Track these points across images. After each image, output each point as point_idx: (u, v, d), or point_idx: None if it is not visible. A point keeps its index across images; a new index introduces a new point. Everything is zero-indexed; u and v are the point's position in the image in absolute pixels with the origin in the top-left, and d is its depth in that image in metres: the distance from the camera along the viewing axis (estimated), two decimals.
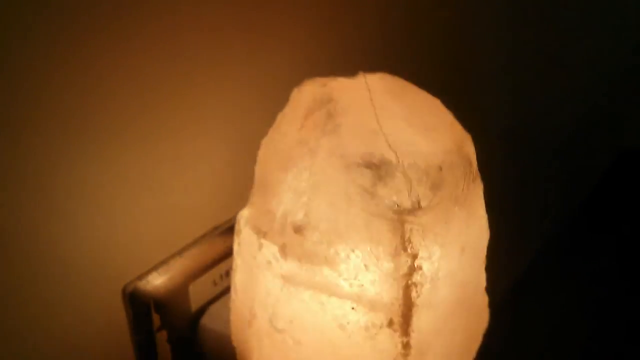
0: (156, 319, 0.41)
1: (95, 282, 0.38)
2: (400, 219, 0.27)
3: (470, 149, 0.31)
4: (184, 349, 0.44)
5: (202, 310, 0.44)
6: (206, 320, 0.44)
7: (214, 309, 0.45)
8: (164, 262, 0.42)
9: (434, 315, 0.31)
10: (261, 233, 0.31)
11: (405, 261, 0.28)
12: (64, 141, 0.34)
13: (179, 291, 0.42)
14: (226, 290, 0.43)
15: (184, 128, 0.41)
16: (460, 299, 0.33)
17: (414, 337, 0.30)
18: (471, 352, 0.36)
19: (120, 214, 0.38)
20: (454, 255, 0.31)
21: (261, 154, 0.33)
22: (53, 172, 0.34)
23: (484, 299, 0.35)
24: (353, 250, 0.28)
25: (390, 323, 0.29)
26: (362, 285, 0.29)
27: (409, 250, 0.28)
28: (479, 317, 0.35)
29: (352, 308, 0.29)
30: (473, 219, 0.32)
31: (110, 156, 0.36)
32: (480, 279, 0.35)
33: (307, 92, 0.31)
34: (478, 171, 0.31)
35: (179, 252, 0.42)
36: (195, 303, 0.44)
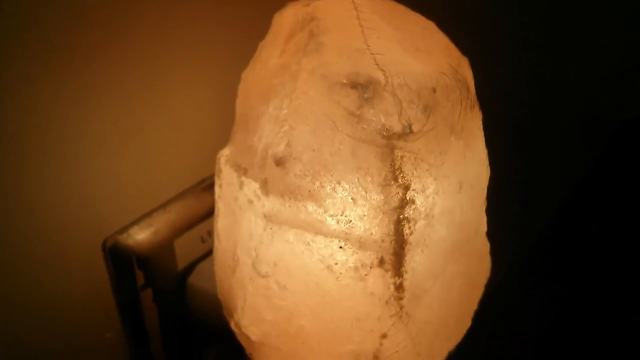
0: (140, 276, 0.39)
1: (74, 235, 0.36)
2: (390, 144, 0.25)
3: (467, 73, 0.28)
4: (171, 309, 0.42)
5: (189, 269, 0.42)
6: (194, 279, 0.42)
7: (202, 267, 0.42)
8: (147, 216, 0.39)
9: (429, 256, 0.28)
10: (241, 170, 0.29)
11: (396, 192, 0.25)
12: (44, 94, 0.31)
13: (164, 247, 0.40)
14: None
15: (169, 77, 0.38)
16: (459, 241, 0.30)
17: (408, 279, 0.27)
18: (472, 302, 0.33)
19: (101, 163, 0.36)
20: (451, 190, 0.28)
21: (241, 87, 0.31)
22: (30, 122, 0.31)
23: (484, 245, 0.33)
24: (339, 182, 0.26)
25: (381, 262, 0.26)
26: (350, 221, 0.26)
27: (399, 180, 0.25)
28: (480, 265, 0.33)
29: (340, 247, 0.27)
30: (472, 151, 0.29)
31: (92, 107, 0.34)
32: (481, 221, 0.32)
33: (289, 15, 0.28)
34: (476, 98, 0.29)
35: (163, 206, 0.40)
36: (181, 260, 0.41)
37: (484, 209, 0.32)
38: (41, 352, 0.37)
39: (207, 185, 0.42)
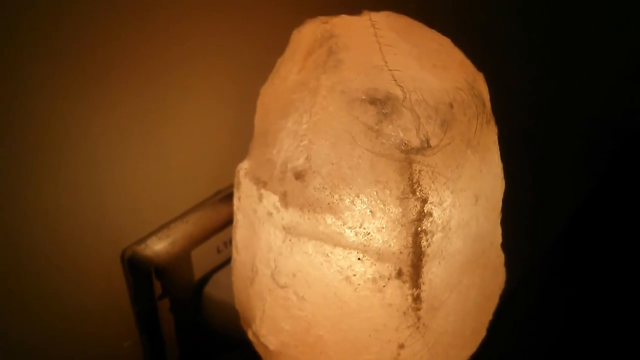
0: (157, 286, 0.40)
1: (93, 246, 0.37)
2: (408, 158, 0.25)
3: (483, 88, 0.29)
4: (187, 319, 0.43)
5: (205, 279, 0.43)
6: (210, 289, 0.43)
7: (218, 277, 0.43)
8: (164, 227, 0.40)
9: (446, 268, 0.29)
10: (261, 183, 0.29)
11: (414, 205, 0.26)
12: (63, 102, 0.32)
13: (181, 257, 0.40)
14: (231, 259, 0.41)
15: (186, 89, 0.39)
16: (475, 253, 0.31)
17: (425, 290, 0.28)
18: (487, 313, 0.34)
19: (120, 175, 0.37)
20: (467, 203, 0.29)
21: (260, 102, 0.31)
22: (51, 134, 0.32)
23: (499, 256, 0.33)
24: (358, 196, 0.26)
25: (399, 274, 0.27)
26: (369, 233, 0.27)
27: (417, 193, 0.26)
28: (495, 276, 0.33)
29: (359, 259, 0.27)
30: (487, 165, 0.29)
31: (111, 117, 0.35)
32: (496, 233, 0.32)
33: (308, 32, 0.29)
34: (492, 113, 0.29)
35: (181, 217, 0.41)
36: (198, 271, 0.42)
37: (499, 221, 0.32)
38: None
39: (223, 197, 0.43)
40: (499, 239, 0.33)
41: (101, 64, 0.33)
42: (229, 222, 0.42)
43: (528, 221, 0.98)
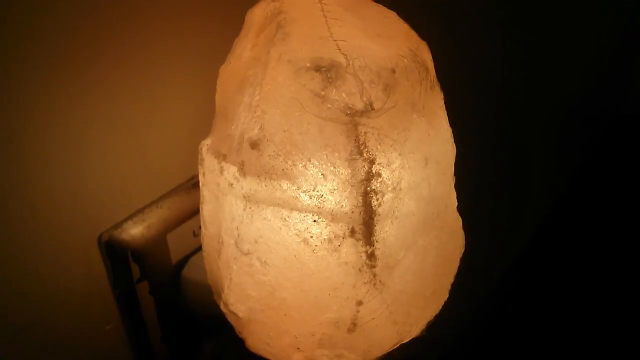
0: (135, 269, 0.41)
1: (71, 231, 0.38)
2: (353, 121, 0.27)
3: (426, 56, 0.30)
4: (167, 301, 0.44)
5: (183, 262, 0.44)
6: (187, 271, 0.44)
7: (195, 260, 0.44)
8: (140, 211, 0.41)
9: (399, 228, 0.30)
10: (221, 156, 0.31)
11: (362, 166, 0.28)
12: (42, 93, 0.34)
13: (157, 241, 0.42)
14: None
15: (158, 79, 0.40)
16: (430, 215, 0.32)
17: (379, 249, 0.29)
18: (447, 275, 0.35)
19: (96, 162, 0.38)
20: (417, 166, 0.30)
21: (219, 81, 0.33)
22: (31, 123, 0.34)
23: (456, 220, 0.35)
24: (309, 160, 0.28)
25: (353, 232, 0.28)
26: (322, 195, 0.28)
27: (364, 154, 0.27)
28: (453, 238, 0.35)
29: (314, 221, 0.29)
30: (435, 130, 0.31)
31: (87, 107, 0.36)
32: (451, 196, 0.34)
33: (259, 11, 0.30)
34: (437, 80, 0.31)
35: (156, 202, 0.42)
36: (175, 254, 0.43)
37: (453, 185, 0.34)
38: (43, 345, 0.39)
39: (196, 182, 0.44)
40: (454, 202, 0.34)
41: (78, 59, 0.35)
42: None
43: (507, 212, 0.99)
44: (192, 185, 0.44)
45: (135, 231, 0.40)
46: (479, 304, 1.09)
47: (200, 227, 0.43)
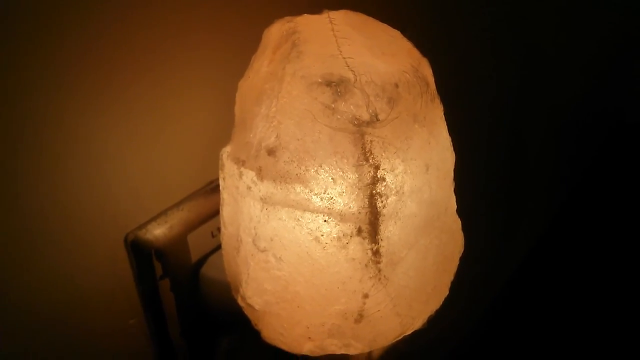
0: (158, 267, 0.44)
1: (100, 231, 0.41)
2: (360, 130, 0.30)
3: (427, 72, 0.33)
4: (187, 298, 0.47)
5: (202, 261, 0.47)
6: (206, 270, 0.47)
7: (213, 259, 0.47)
8: (162, 213, 0.45)
9: (402, 228, 0.33)
10: (240, 162, 0.34)
11: (367, 171, 0.31)
12: (74, 102, 0.37)
13: (178, 241, 0.45)
14: None
15: (181, 91, 0.44)
16: (430, 217, 0.35)
17: (384, 246, 0.32)
18: (448, 272, 0.38)
19: (123, 168, 0.41)
20: (419, 172, 0.33)
21: (238, 94, 0.36)
22: (58, 129, 0.37)
23: (456, 221, 0.38)
24: (321, 165, 0.31)
25: (359, 231, 0.31)
26: (332, 198, 0.31)
27: (370, 160, 0.30)
28: (453, 239, 0.38)
29: (325, 220, 0.32)
30: (436, 139, 0.34)
31: (113, 113, 0.40)
32: (451, 200, 0.37)
33: (276, 30, 0.34)
34: (437, 93, 0.34)
35: (177, 204, 0.45)
36: (195, 253, 0.47)
37: (453, 189, 0.37)
38: (70, 337, 0.42)
39: (214, 187, 0.47)
40: (453, 205, 0.37)
41: (107, 70, 0.38)
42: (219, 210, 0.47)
43: (508, 219, 1.02)
44: (211, 189, 0.47)
45: (158, 232, 0.44)
46: (480, 309, 1.11)
47: (218, 229, 0.47)
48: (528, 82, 1.00)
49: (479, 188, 0.83)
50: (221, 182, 0.37)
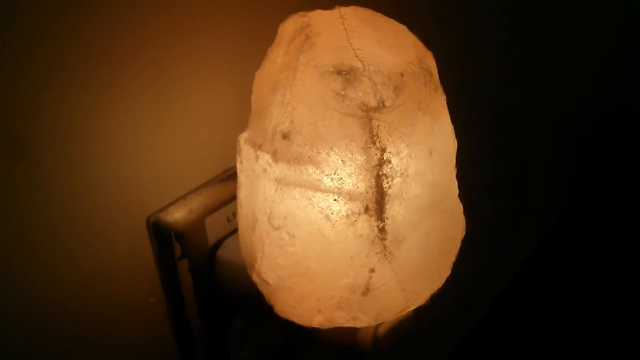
0: (177, 248, 0.47)
1: (123, 212, 0.44)
2: (368, 115, 0.33)
3: (431, 63, 0.36)
4: (203, 278, 0.50)
5: (218, 244, 0.50)
6: (222, 252, 0.50)
7: (228, 242, 0.50)
8: (182, 198, 0.47)
9: (406, 208, 0.36)
10: (257, 146, 0.37)
11: (374, 154, 0.33)
12: (93, 88, 0.40)
13: (196, 224, 0.48)
14: None
15: (201, 84, 0.46)
16: (434, 199, 0.38)
17: (389, 224, 0.35)
18: (450, 253, 0.40)
19: (146, 154, 0.44)
20: (422, 156, 0.36)
21: (255, 84, 0.39)
22: (84, 115, 0.40)
23: (458, 205, 0.40)
24: (331, 148, 0.33)
25: (367, 209, 0.34)
26: (341, 178, 0.34)
27: (377, 144, 0.33)
28: (454, 222, 0.40)
29: (335, 200, 0.34)
30: (439, 126, 0.37)
31: (138, 103, 0.42)
32: (453, 184, 0.39)
33: (290, 24, 0.36)
34: (440, 84, 0.36)
35: (196, 190, 0.48)
36: (212, 236, 0.49)
37: (454, 175, 0.39)
38: (94, 315, 0.45)
39: (230, 174, 0.50)
40: (455, 190, 0.40)
41: (136, 61, 0.41)
42: (236, 195, 0.50)
43: (514, 217, 1.03)
44: (227, 177, 0.50)
45: (178, 214, 0.46)
46: (483, 305, 1.13)
47: (233, 214, 0.50)
48: (534, 78, 1.02)
49: (483, 184, 0.86)
50: (238, 166, 0.40)
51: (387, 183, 0.34)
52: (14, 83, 0.35)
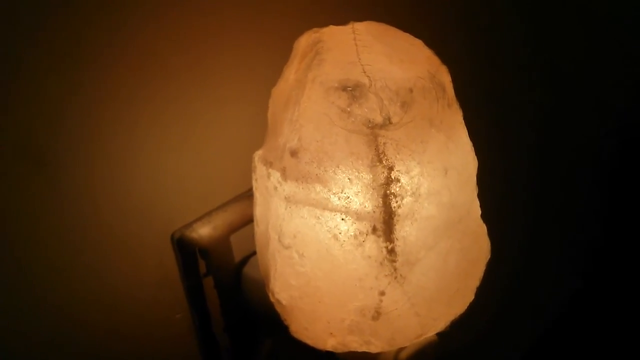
0: (202, 265, 0.47)
1: (149, 229, 0.45)
2: (374, 132, 0.32)
3: (445, 78, 0.34)
4: (230, 295, 0.50)
5: (244, 261, 0.50)
6: (248, 270, 0.50)
7: (255, 259, 0.50)
8: (207, 214, 0.48)
9: (419, 229, 0.34)
10: (268, 164, 0.36)
11: (381, 172, 0.32)
12: (118, 104, 0.41)
13: (221, 240, 0.48)
14: None
15: (226, 106, 0.47)
16: (451, 220, 0.36)
17: (399, 246, 0.34)
18: (472, 277, 0.38)
19: (173, 172, 0.45)
20: (437, 174, 0.34)
21: (271, 101, 0.38)
22: (109, 133, 0.41)
23: (480, 226, 0.38)
24: (338, 166, 0.33)
25: (374, 229, 0.33)
26: (348, 197, 0.33)
27: (384, 162, 0.32)
28: (477, 244, 0.38)
29: (342, 219, 0.33)
30: (455, 143, 0.35)
31: (164, 122, 0.43)
32: (473, 204, 0.38)
33: (304, 40, 0.36)
34: (455, 99, 0.35)
35: (221, 206, 0.48)
36: (238, 253, 0.49)
37: (476, 194, 0.38)
38: (120, 331, 0.45)
39: None
40: (477, 210, 0.38)
41: (164, 78, 0.42)
42: None
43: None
44: (252, 194, 0.50)
45: (203, 231, 0.47)
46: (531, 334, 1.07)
47: None
48: (561, 104, 0.96)
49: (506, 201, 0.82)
50: (254, 183, 0.40)
51: (396, 202, 0.33)
52: (39, 98, 0.36)
